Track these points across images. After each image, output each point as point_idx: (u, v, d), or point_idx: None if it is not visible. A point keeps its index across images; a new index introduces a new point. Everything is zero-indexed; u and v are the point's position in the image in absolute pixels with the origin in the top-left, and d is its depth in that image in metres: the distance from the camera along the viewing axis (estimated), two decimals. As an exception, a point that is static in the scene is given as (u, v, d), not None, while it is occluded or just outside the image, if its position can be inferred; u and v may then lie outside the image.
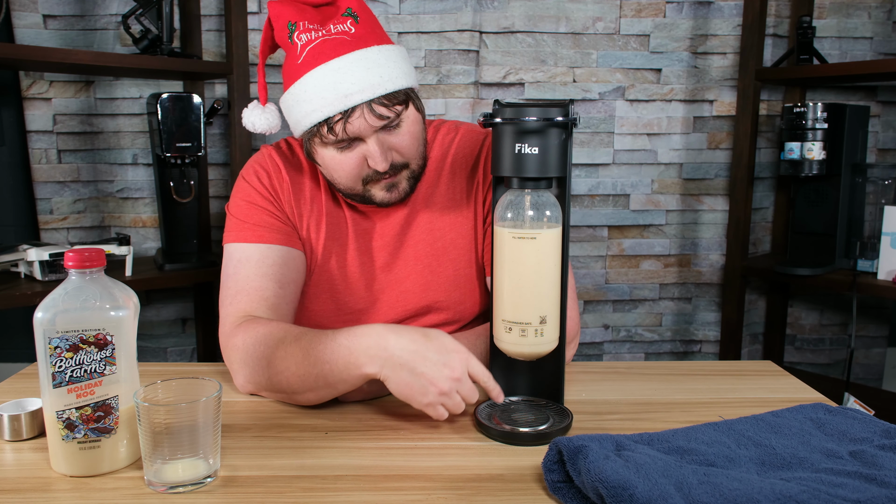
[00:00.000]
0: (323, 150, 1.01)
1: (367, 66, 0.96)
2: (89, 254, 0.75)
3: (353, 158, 1.00)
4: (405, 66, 1.01)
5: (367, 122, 0.96)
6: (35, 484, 0.74)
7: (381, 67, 0.97)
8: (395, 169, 1.02)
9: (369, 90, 0.95)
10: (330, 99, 0.95)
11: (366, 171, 1.01)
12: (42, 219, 2.07)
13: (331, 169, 1.03)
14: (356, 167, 1.01)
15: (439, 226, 1.12)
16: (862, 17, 2.16)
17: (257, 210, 1.08)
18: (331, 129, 0.96)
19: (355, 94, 0.94)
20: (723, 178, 2.21)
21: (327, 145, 1.00)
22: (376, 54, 0.97)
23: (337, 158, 1.00)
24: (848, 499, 0.63)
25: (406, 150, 1.02)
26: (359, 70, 0.95)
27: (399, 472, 0.77)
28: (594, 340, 2.26)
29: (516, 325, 0.84)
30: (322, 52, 0.96)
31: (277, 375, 0.91)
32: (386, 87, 0.96)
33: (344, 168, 1.01)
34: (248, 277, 1.04)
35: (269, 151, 1.13)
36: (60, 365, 0.73)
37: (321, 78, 0.95)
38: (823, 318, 2.33)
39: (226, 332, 1.00)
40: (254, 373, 0.94)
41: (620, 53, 2.13)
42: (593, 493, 0.66)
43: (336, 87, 0.94)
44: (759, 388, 1.02)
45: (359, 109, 0.95)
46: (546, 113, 0.81)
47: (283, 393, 0.93)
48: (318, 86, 0.95)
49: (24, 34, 1.99)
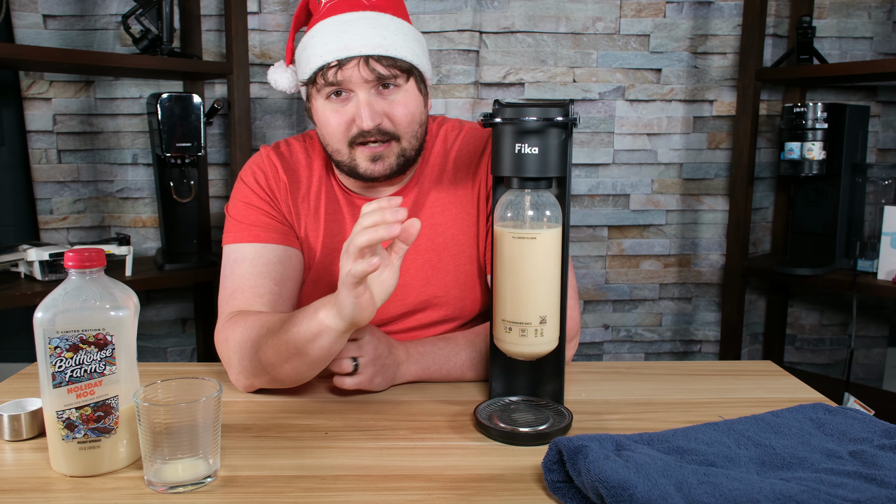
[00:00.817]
0: (317, 104, 1.04)
1: (373, 25, 0.99)
2: (89, 254, 0.75)
3: (343, 115, 1.01)
4: (414, 45, 1.03)
5: (360, 73, 0.98)
6: (35, 484, 0.74)
7: (388, 31, 1.00)
8: (383, 135, 1.02)
9: (369, 47, 0.98)
10: (331, 46, 0.98)
11: (352, 131, 1.02)
12: (42, 219, 2.06)
13: (322, 124, 1.04)
14: (344, 124, 1.02)
15: (441, 221, 1.12)
16: (862, 17, 2.16)
17: (254, 210, 1.09)
18: (325, 74, 0.99)
19: (355, 46, 0.98)
20: (723, 178, 2.21)
21: (321, 95, 1.02)
22: (387, 21, 1.01)
23: (328, 111, 1.02)
24: (848, 499, 0.63)
25: (398, 120, 1.02)
26: (365, 27, 0.99)
27: (399, 472, 0.77)
28: (594, 340, 2.26)
29: (516, 325, 0.85)
30: (337, 7, 1.01)
31: (259, 352, 0.93)
32: (388, 49, 0.99)
33: (332, 123, 1.02)
34: (243, 276, 1.04)
35: (267, 152, 1.14)
36: (60, 365, 0.73)
37: (329, 27, 0.99)
38: (823, 318, 2.33)
39: (218, 329, 1.01)
40: (242, 360, 0.95)
41: (620, 53, 2.13)
42: (593, 493, 0.66)
43: (339, 36, 0.98)
44: (759, 388, 1.02)
45: (354, 60, 0.98)
46: (546, 113, 0.81)
47: (265, 374, 0.94)
48: (325, 34, 0.99)
49: (24, 34, 1.99)
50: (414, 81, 1.04)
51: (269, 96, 2.09)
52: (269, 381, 0.96)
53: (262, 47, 2.07)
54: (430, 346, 1.04)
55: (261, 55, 2.07)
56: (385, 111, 1.01)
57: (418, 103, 1.05)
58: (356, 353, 0.95)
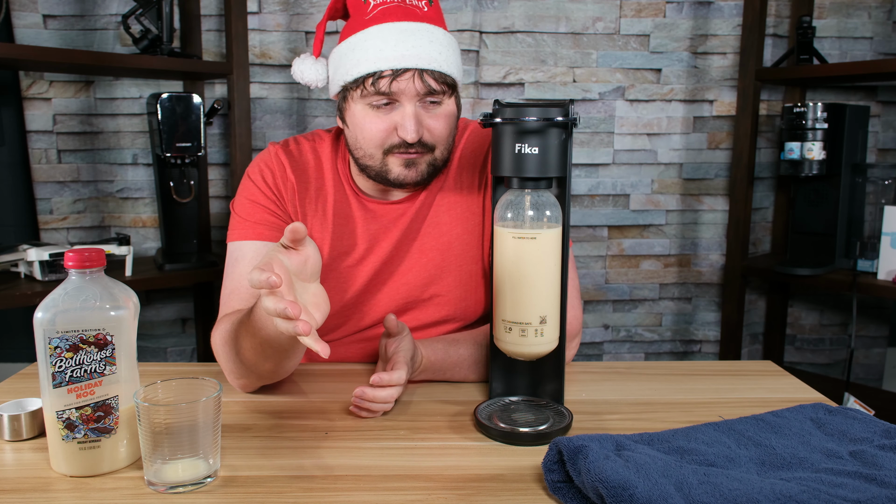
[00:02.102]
0: (356, 107, 1.01)
1: (430, 39, 0.98)
2: (89, 254, 0.75)
3: (384, 122, 1.00)
4: (458, 61, 1.04)
5: (414, 86, 0.97)
6: (35, 484, 0.74)
7: (443, 47, 0.99)
8: (421, 147, 1.02)
9: (426, 60, 0.97)
10: (387, 54, 0.96)
11: (392, 140, 1.01)
12: (42, 219, 2.07)
13: (358, 128, 1.02)
14: (384, 132, 1.00)
15: (446, 220, 1.12)
16: (862, 17, 2.16)
17: (259, 208, 1.08)
18: (376, 82, 0.97)
19: (412, 58, 0.96)
20: (723, 178, 2.21)
21: (365, 100, 1.00)
22: (441, 35, 1.00)
23: (369, 117, 1.00)
24: (848, 499, 0.63)
25: (438, 134, 1.02)
26: (423, 39, 0.98)
27: (399, 472, 0.77)
28: (594, 340, 2.26)
29: (516, 325, 0.85)
30: (393, 13, 0.99)
31: (232, 352, 0.93)
32: (442, 66, 0.98)
33: (372, 129, 1.01)
34: (241, 276, 1.04)
35: (276, 150, 1.13)
36: (60, 365, 0.73)
37: (386, 32, 0.97)
38: (823, 318, 2.33)
39: (213, 330, 1.01)
40: (227, 361, 0.96)
41: (620, 53, 2.13)
42: (593, 493, 0.66)
43: (397, 45, 0.97)
44: (759, 388, 1.02)
45: (410, 73, 0.97)
46: (546, 113, 0.81)
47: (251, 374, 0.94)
48: (380, 38, 0.97)
49: (24, 34, 1.99)
50: (455, 96, 1.04)
51: (269, 96, 2.09)
52: (258, 380, 0.96)
53: (262, 47, 2.07)
54: (432, 345, 1.04)
55: (261, 55, 2.07)
56: (427, 125, 1.01)
57: (455, 117, 1.05)
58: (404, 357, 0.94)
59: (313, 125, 2.12)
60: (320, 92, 2.08)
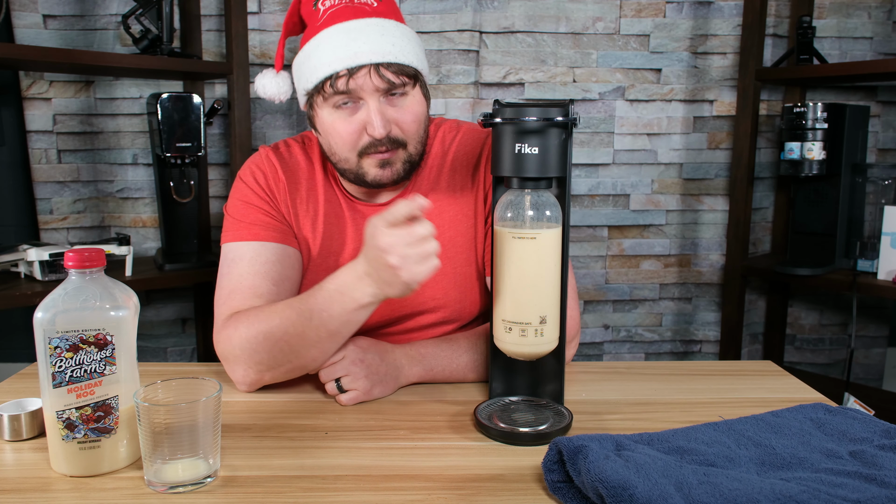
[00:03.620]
0: (323, 113, 1.02)
1: (381, 32, 0.99)
2: (89, 254, 0.75)
3: (352, 124, 1.00)
4: (418, 50, 1.03)
5: (372, 82, 0.97)
6: (35, 484, 0.74)
7: (395, 38, 0.99)
8: (392, 143, 1.02)
9: (379, 54, 0.97)
10: (340, 55, 0.97)
11: (363, 140, 1.01)
12: (42, 219, 2.07)
13: (329, 134, 1.03)
14: (354, 133, 1.01)
15: (438, 223, 1.12)
16: (862, 17, 2.16)
17: (252, 209, 1.09)
18: (334, 83, 0.97)
19: (365, 54, 0.97)
20: (723, 178, 2.21)
21: (328, 104, 1.00)
22: (393, 27, 1.00)
23: (337, 121, 1.01)
24: (848, 499, 0.63)
25: (406, 127, 1.02)
26: (373, 34, 0.98)
27: (399, 472, 0.77)
28: (594, 340, 2.26)
29: (516, 325, 0.85)
30: (341, 14, 1.00)
31: (278, 343, 0.93)
32: (397, 56, 0.98)
33: (341, 133, 1.01)
34: (241, 276, 1.04)
35: (266, 152, 1.14)
36: (60, 365, 0.73)
37: (335, 35, 0.98)
38: (823, 318, 2.33)
39: (218, 329, 1.01)
40: (253, 354, 0.95)
41: (620, 53, 2.13)
42: (593, 493, 0.66)
43: (348, 45, 0.97)
44: (759, 388, 1.02)
45: (365, 69, 0.97)
46: (546, 113, 0.81)
47: (285, 364, 0.95)
48: (332, 42, 0.98)
49: (24, 34, 1.99)
50: (419, 86, 1.04)
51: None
52: (287, 372, 0.97)
53: (262, 47, 2.07)
54: (432, 347, 1.04)
55: (261, 55, 2.07)
56: (394, 118, 1.01)
57: (423, 108, 1.05)
58: (340, 374, 0.96)
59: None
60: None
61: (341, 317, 0.91)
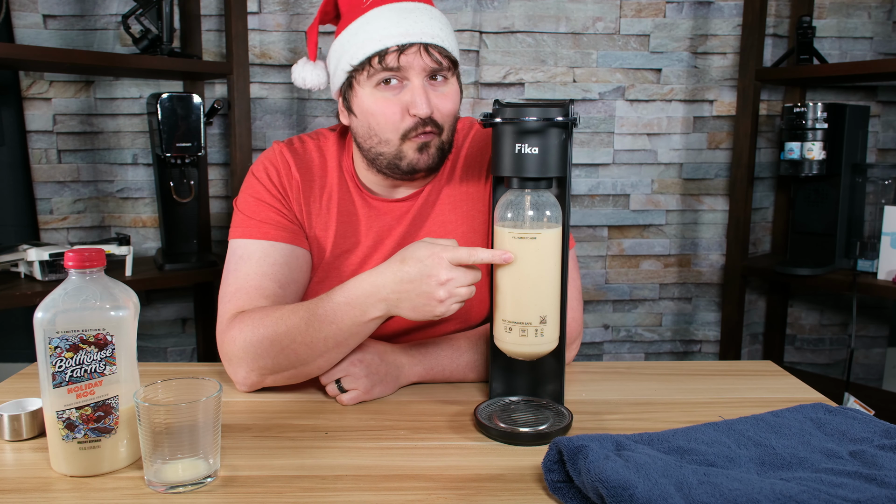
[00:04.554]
0: (364, 92, 1.01)
1: (430, 16, 1.01)
2: (89, 254, 0.75)
3: (395, 104, 1.00)
4: (456, 43, 1.05)
5: (422, 60, 0.98)
6: (35, 484, 0.74)
7: (443, 24, 1.02)
8: (433, 125, 1.01)
9: (429, 35, 0.98)
10: (392, 31, 0.97)
11: (405, 123, 1.00)
12: (42, 219, 2.07)
13: (370, 114, 1.01)
14: (399, 112, 1.00)
15: (451, 219, 1.11)
16: (862, 17, 2.16)
17: (264, 207, 1.08)
18: (382, 59, 0.97)
19: (416, 34, 0.97)
20: (723, 178, 2.21)
21: (371, 82, 1.00)
22: (439, 15, 1.03)
23: (380, 101, 1.00)
24: (848, 499, 0.63)
25: (445, 112, 1.02)
26: (424, 16, 1.00)
27: (399, 472, 0.77)
28: (594, 340, 2.26)
29: (516, 325, 0.84)
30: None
31: (283, 351, 0.93)
32: (444, 41, 1.00)
33: (385, 112, 1.00)
34: (248, 276, 1.03)
35: (280, 148, 1.13)
36: (60, 365, 0.73)
37: (387, 12, 0.99)
38: (823, 318, 2.33)
39: (222, 329, 1.00)
40: (257, 358, 0.95)
41: (620, 53, 2.13)
42: (593, 493, 0.66)
43: (400, 23, 0.98)
44: (759, 388, 1.02)
45: (415, 47, 0.97)
46: (546, 113, 0.81)
47: (289, 369, 0.95)
48: (382, 18, 0.98)
49: (24, 34, 1.99)
50: (457, 76, 1.05)
51: (269, 96, 2.09)
52: (290, 377, 0.96)
53: (262, 47, 2.07)
54: (433, 346, 1.03)
55: (261, 55, 2.07)
56: (435, 103, 1.00)
57: (459, 97, 1.06)
58: (340, 374, 0.96)
59: (313, 125, 2.12)
60: (320, 92, 2.08)
61: (350, 329, 0.90)
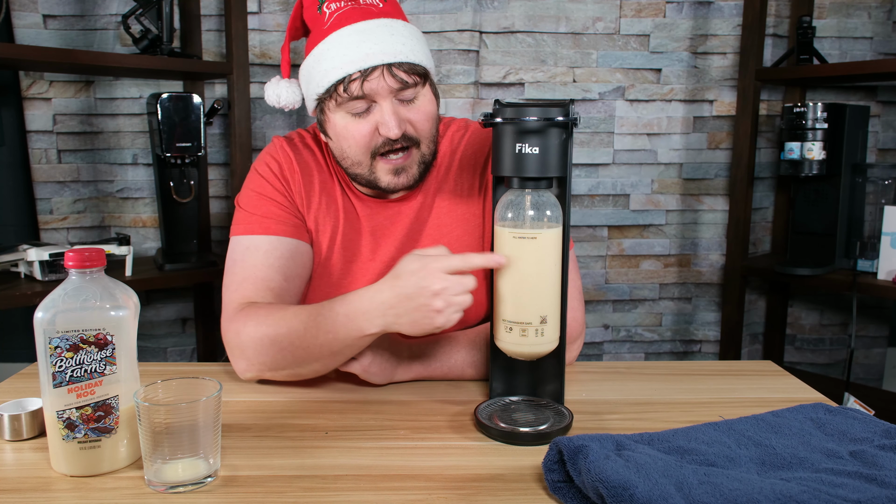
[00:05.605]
0: (335, 117, 1.01)
1: (391, 32, 0.98)
2: (89, 254, 0.75)
3: (365, 126, 1.00)
4: (426, 49, 1.03)
5: (386, 82, 0.97)
6: (35, 484, 0.74)
7: (405, 38, 0.99)
8: (407, 141, 1.01)
9: (391, 54, 0.96)
10: (351, 57, 0.96)
11: (376, 141, 1.00)
12: (42, 219, 2.07)
13: (341, 137, 1.02)
14: (367, 135, 1.00)
15: (447, 222, 1.12)
16: (862, 17, 2.16)
17: (267, 202, 1.08)
18: (347, 87, 0.97)
19: (377, 55, 0.96)
20: (723, 178, 2.21)
21: (341, 108, 0.99)
22: (401, 27, 1.00)
23: (350, 125, 1.00)
24: (848, 499, 0.63)
25: (420, 126, 1.02)
26: (383, 34, 0.97)
27: (399, 472, 0.76)
28: (594, 340, 2.26)
29: (516, 325, 0.84)
30: (349, 17, 0.99)
31: (283, 352, 0.93)
32: (408, 55, 0.98)
33: (354, 135, 1.00)
34: (255, 266, 1.04)
35: (280, 143, 1.13)
36: (60, 365, 0.73)
37: (345, 37, 0.97)
38: (823, 318, 2.33)
39: (228, 318, 1.00)
40: (257, 354, 0.95)
41: (620, 53, 2.13)
42: (593, 493, 0.66)
43: (359, 46, 0.96)
44: (759, 388, 1.02)
45: (378, 70, 0.96)
46: (546, 113, 0.81)
47: (287, 369, 0.95)
48: (342, 44, 0.97)
49: (24, 34, 1.99)
50: (429, 85, 1.04)
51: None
52: (288, 376, 0.97)
53: (262, 47, 2.07)
54: (431, 344, 1.04)
55: (261, 55, 2.07)
56: (407, 118, 1.00)
57: (434, 106, 1.05)
58: None
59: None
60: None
61: (345, 341, 0.90)
